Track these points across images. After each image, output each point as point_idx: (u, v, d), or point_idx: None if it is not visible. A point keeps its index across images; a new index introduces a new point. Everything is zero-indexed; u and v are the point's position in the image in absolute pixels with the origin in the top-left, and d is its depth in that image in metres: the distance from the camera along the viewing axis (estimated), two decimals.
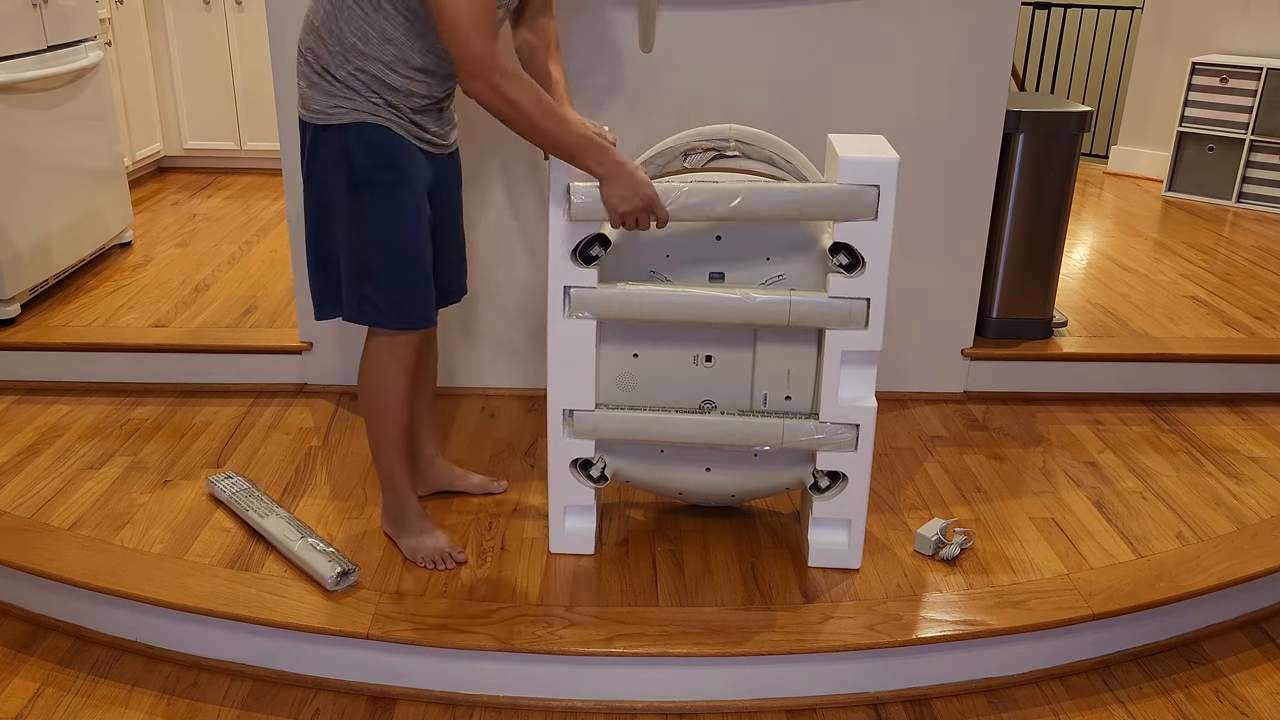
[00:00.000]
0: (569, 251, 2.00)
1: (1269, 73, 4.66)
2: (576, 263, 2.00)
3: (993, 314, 3.10)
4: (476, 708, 2.00)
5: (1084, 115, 2.94)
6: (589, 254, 2.00)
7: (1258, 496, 2.53)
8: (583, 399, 2.09)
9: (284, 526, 2.21)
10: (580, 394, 2.09)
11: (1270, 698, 2.06)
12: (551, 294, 2.03)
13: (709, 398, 2.14)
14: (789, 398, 2.14)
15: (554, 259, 2.01)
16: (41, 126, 3.29)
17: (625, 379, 2.12)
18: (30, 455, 2.61)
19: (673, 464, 2.20)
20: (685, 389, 2.14)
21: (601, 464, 2.16)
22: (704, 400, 2.14)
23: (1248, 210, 4.83)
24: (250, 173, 5.18)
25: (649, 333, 2.10)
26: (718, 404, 2.14)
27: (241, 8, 4.86)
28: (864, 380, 2.08)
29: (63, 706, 1.97)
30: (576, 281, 2.02)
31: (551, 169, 1.96)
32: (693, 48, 2.69)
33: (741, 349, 2.11)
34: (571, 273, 2.01)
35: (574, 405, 2.10)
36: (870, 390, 2.09)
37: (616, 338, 2.11)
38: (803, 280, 2.06)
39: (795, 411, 2.14)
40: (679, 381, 2.13)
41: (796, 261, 2.06)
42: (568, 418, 2.11)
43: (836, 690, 2.03)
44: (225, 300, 3.38)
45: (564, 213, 1.97)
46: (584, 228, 1.99)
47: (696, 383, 2.13)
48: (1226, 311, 3.45)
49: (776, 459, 2.19)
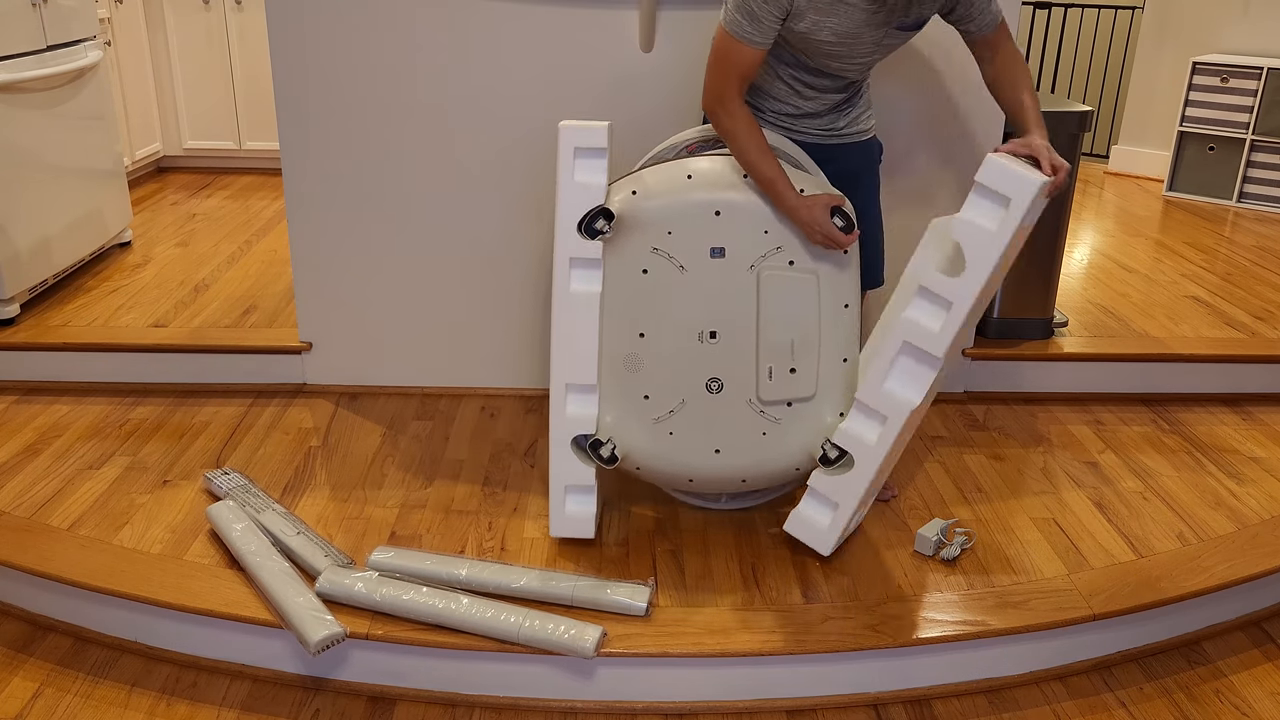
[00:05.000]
0: (575, 224, 2.05)
1: (1269, 72, 4.66)
2: (582, 235, 2.05)
3: (993, 314, 3.10)
4: (476, 708, 2.00)
5: (1084, 115, 2.94)
6: (594, 228, 2.06)
7: (1258, 496, 2.53)
8: (585, 373, 2.12)
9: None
10: (582, 367, 2.11)
11: (1270, 698, 2.06)
12: (557, 268, 2.06)
13: (715, 376, 2.15)
14: (794, 370, 2.14)
15: (560, 230, 2.04)
16: (41, 126, 3.28)
17: (631, 360, 2.12)
18: (30, 455, 2.61)
19: (681, 448, 2.19)
20: (692, 367, 2.14)
21: (611, 444, 2.16)
22: (710, 379, 2.15)
23: (1248, 210, 4.82)
24: (250, 173, 5.18)
25: (654, 311, 2.12)
26: (725, 382, 2.15)
27: (241, 8, 4.86)
28: (915, 380, 2.06)
29: (62, 707, 1.96)
30: (582, 254, 2.07)
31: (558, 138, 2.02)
32: (693, 48, 2.69)
33: (745, 324, 2.12)
34: (577, 245, 2.06)
35: (576, 380, 2.12)
36: (918, 394, 2.06)
37: (621, 315, 2.12)
38: (801, 252, 2.10)
39: (799, 395, 2.14)
40: (685, 360, 2.14)
41: (794, 234, 2.10)
42: (570, 392, 2.13)
43: (836, 690, 2.03)
44: (225, 300, 3.38)
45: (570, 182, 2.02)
46: (589, 200, 2.03)
47: (703, 360, 2.14)
48: (1227, 311, 3.45)
49: (786, 435, 2.19)
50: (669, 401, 2.16)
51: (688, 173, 2.11)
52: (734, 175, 2.10)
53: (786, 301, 2.11)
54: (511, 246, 2.87)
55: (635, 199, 2.08)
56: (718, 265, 2.10)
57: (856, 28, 2.02)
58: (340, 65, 2.70)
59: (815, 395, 2.18)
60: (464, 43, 2.68)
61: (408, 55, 2.69)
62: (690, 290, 2.11)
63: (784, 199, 2.06)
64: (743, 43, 2.02)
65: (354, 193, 2.82)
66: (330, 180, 2.81)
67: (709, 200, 2.08)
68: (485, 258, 2.89)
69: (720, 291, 2.11)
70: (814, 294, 2.13)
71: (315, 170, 2.80)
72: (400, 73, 2.71)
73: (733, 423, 2.18)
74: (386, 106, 2.74)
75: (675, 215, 2.08)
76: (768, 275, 2.10)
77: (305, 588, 2.03)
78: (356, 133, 2.76)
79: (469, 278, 2.90)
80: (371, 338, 2.97)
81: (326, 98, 2.73)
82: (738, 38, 2.02)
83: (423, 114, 2.74)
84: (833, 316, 2.15)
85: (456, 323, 2.96)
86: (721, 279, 2.11)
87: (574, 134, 2.03)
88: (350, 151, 2.78)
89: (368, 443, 2.70)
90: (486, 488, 2.50)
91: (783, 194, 2.06)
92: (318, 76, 2.71)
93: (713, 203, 2.08)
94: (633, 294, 2.12)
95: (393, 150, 2.78)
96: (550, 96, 2.73)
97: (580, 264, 2.09)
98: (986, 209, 1.96)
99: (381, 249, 2.87)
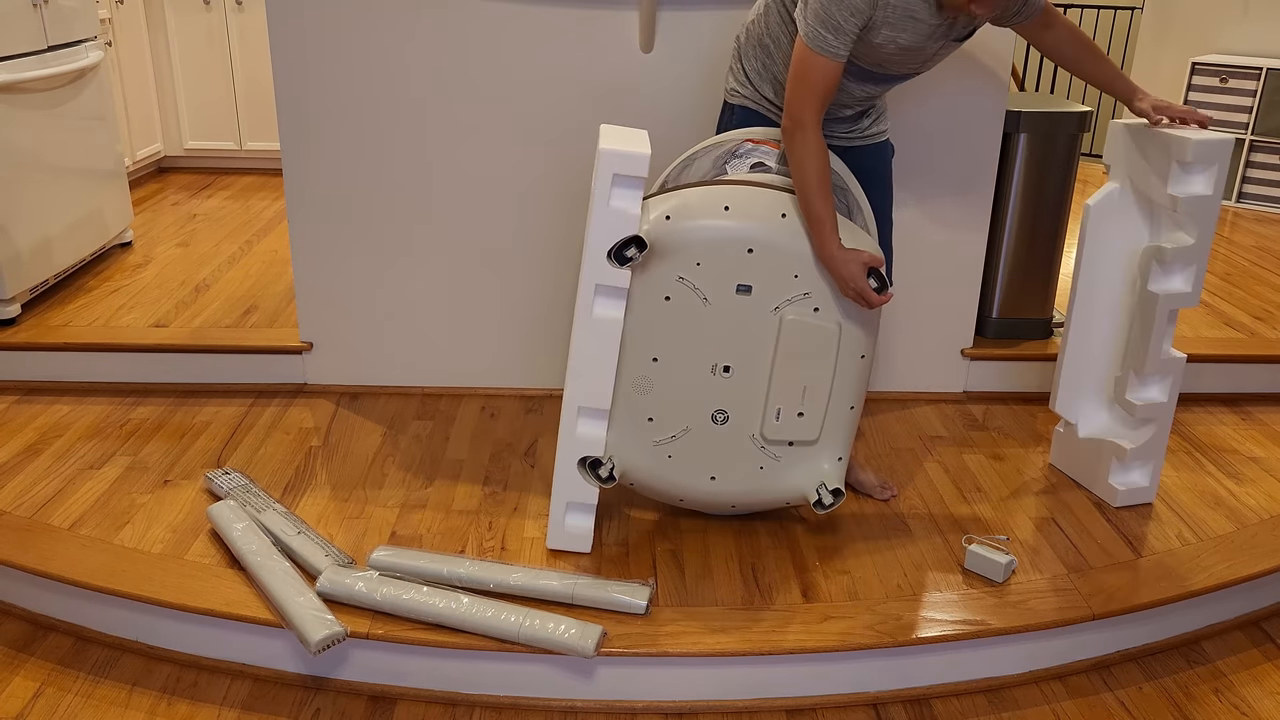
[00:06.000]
0: (605, 251, 2.01)
1: (1269, 73, 4.66)
2: (612, 263, 2.01)
3: (993, 314, 3.10)
4: (476, 708, 2.00)
5: (1084, 115, 2.94)
6: (624, 255, 2.00)
7: (1258, 496, 2.53)
8: (599, 398, 2.10)
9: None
10: (597, 392, 2.10)
11: (1270, 698, 2.06)
12: (582, 291, 2.04)
13: (723, 408, 2.15)
14: (801, 414, 2.15)
15: (589, 256, 2.02)
16: (42, 126, 3.29)
17: (642, 382, 2.11)
18: (30, 455, 2.61)
19: (678, 471, 2.20)
20: (700, 398, 2.14)
21: (610, 465, 2.15)
22: (717, 410, 2.15)
23: (1247, 210, 4.83)
24: (250, 173, 5.18)
25: (671, 338, 2.10)
26: (731, 415, 2.15)
27: (241, 8, 4.86)
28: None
29: (63, 706, 1.97)
30: (609, 281, 2.03)
31: (597, 161, 1.98)
32: (693, 48, 2.69)
33: (760, 363, 2.12)
34: (605, 272, 2.02)
35: (590, 404, 2.11)
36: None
37: (639, 340, 2.10)
38: (829, 302, 2.08)
39: (803, 437, 2.17)
40: (695, 390, 2.13)
41: (824, 281, 2.07)
42: (581, 415, 2.12)
43: (836, 690, 2.03)
44: (225, 300, 3.38)
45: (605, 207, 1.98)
46: (622, 228, 1.99)
47: (712, 392, 2.14)
48: (1226, 311, 3.45)
49: (782, 472, 2.21)
50: (673, 427, 2.16)
51: (725, 203, 2.04)
52: (772, 213, 2.05)
53: (805, 347, 2.10)
54: (512, 246, 2.88)
55: (668, 224, 2.03)
56: (742, 301, 2.07)
57: (920, 41, 2.01)
58: (341, 66, 2.70)
59: (818, 440, 2.20)
60: (464, 43, 2.68)
61: (408, 55, 2.69)
62: (711, 323, 2.09)
63: (826, 246, 2.02)
64: (825, 56, 1.97)
65: (355, 193, 2.82)
66: (331, 180, 2.81)
67: (743, 237, 2.03)
68: (486, 258, 2.89)
69: (740, 328, 2.09)
70: (834, 344, 2.11)
71: (316, 170, 2.80)
72: (400, 73, 2.71)
73: (732, 454, 2.19)
74: (387, 107, 2.74)
75: (706, 247, 2.04)
76: (791, 320, 2.08)
77: (306, 587, 2.03)
78: (357, 133, 2.76)
79: (470, 278, 2.91)
80: (372, 338, 2.97)
81: (327, 98, 2.73)
82: (821, 52, 1.96)
83: (423, 114, 2.75)
84: (847, 367, 2.15)
85: (456, 323, 2.96)
86: (744, 316, 2.08)
87: (615, 160, 1.96)
88: (351, 152, 2.78)
89: (368, 443, 2.70)
90: (487, 488, 2.50)
91: (826, 240, 2.01)
92: (318, 77, 2.71)
93: (747, 240, 2.03)
94: (652, 318, 2.08)
95: (393, 150, 2.78)
96: (550, 97, 2.73)
97: (606, 291, 2.05)
98: (1198, 178, 2.22)
99: (382, 249, 2.88)
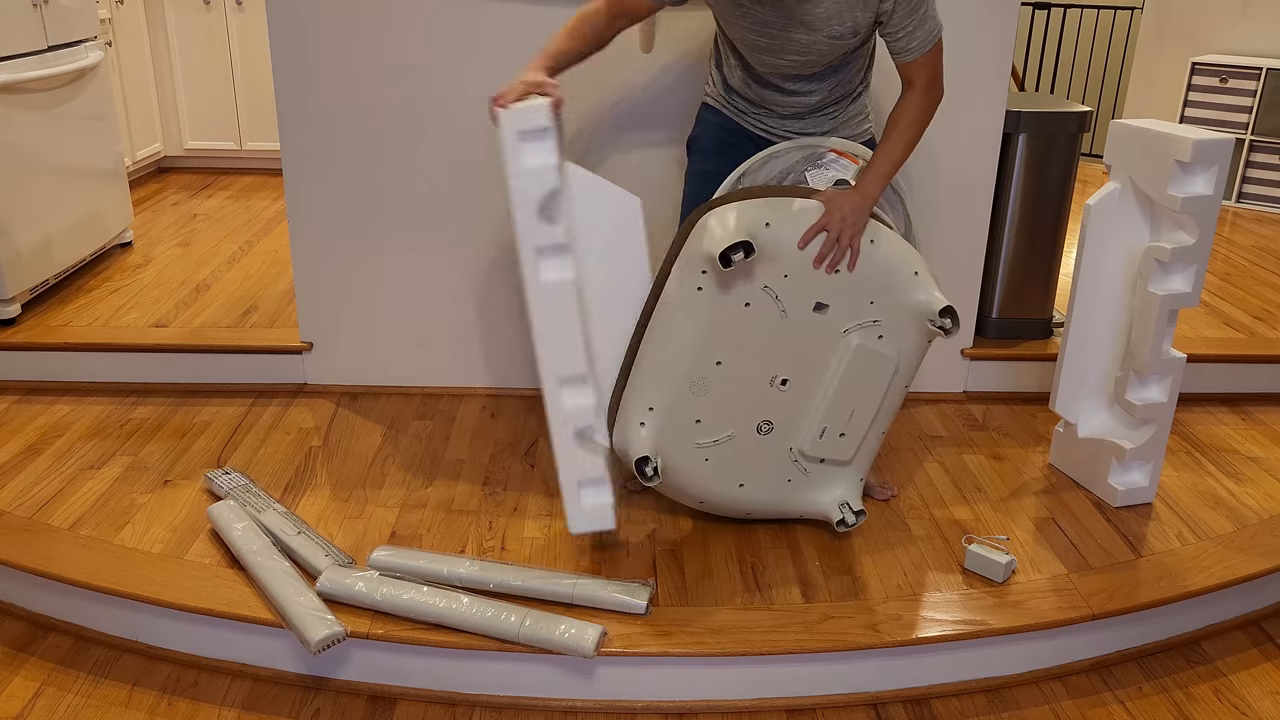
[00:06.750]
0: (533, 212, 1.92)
1: (1269, 73, 4.66)
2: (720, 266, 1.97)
3: (993, 314, 3.11)
4: (476, 708, 2.00)
5: (1084, 115, 2.94)
6: (730, 259, 1.95)
7: (1257, 496, 2.53)
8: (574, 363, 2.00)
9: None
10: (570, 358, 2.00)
11: (1270, 698, 2.06)
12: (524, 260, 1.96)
13: (770, 419, 2.16)
14: (843, 435, 2.18)
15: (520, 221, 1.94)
16: (42, 126, 3.29)
17: (700, 384, 2.10)
18: (30, 455, 2.61)
19: (710, 475, 2.18)
20: (752, 406, 2.14)
21: (656, 463, 2.09)
22: (764, 420, 2.16)
23: (1247, 210, 4.83)
24: (250, 173, 5.18)
25: (740, 344, 2.09)
26: (776, 427, 2.17)
27: (241, 8, 4.86)
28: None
29: (63, 706, 1.97)
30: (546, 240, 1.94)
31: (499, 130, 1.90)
32: (693, 48, 2.69)
33: (817, 380, 2.14)
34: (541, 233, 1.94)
35: (566, 371, 2.01)
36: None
37: (709, 341, 2.07)
38: (894, 333, 2.11)
39: (838, 457, 2.20)
40: (749, 398, 2.13)
41: (897, 313, 2.10)
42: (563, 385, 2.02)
43: (836, 690, 2.04)
44: (225, 300, 3.38)
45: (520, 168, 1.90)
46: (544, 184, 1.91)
47: (765, 402, 2.14)
48: (1226, 311, 3.45)
49: (809, 487, 2.24)
50: (718, 432, 2.15)
51: None
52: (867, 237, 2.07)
53: (864, 373, 2.13)
54: (512, 247, 2.88)
55: (768, 231, 2.01)
56: (816, 319, 2.08)
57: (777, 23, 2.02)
58: (341, 66, 2.70)
59: (850, 461, 2.23)
60: (464, 43, 2.69)
61: (408, 55, 2.69)
62: (782, 335, 2.09)
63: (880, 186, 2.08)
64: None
65: (355, 193, 2.82)
66: (331, 180, 2.81)
67: None
68: (486, 258, 2.89)
69: (808, 344, 2.10)
70: (889, 375, 2.15)
71: (316, 170, 2.80)
72: (400, 73, 2.71)
73: (766, 465, 2.20)
74: (387, 107, 2.74)
75: (798, 263, 2.04)
76: (858, 344, 2.11)
77: (306, 587, 2.03)
78: (357, 133, 2.76)
79: (469, 278, 2.91)
80: (372, 338, 2.97)
81: (327, 98, 2.73)
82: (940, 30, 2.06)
83: (423, 114, 2.75)
84: (894, 396, 2.19)
85: (456, 323, 2.96)
86: (814, 333, 2.09)
87: (515, 118, 1.90)
88: (351, 152, 2.78)
89: (368, 442, 2.71)
90: (487, 487, 2.50)
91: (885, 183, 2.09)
92: (318, 77, 2.71)
93: None
94: (727, 321, 2.06)
95: (393, 150, 2.78)
96: None
97: (547, 252, 1.95)
98: None
99: (382, 249, 2.88)
